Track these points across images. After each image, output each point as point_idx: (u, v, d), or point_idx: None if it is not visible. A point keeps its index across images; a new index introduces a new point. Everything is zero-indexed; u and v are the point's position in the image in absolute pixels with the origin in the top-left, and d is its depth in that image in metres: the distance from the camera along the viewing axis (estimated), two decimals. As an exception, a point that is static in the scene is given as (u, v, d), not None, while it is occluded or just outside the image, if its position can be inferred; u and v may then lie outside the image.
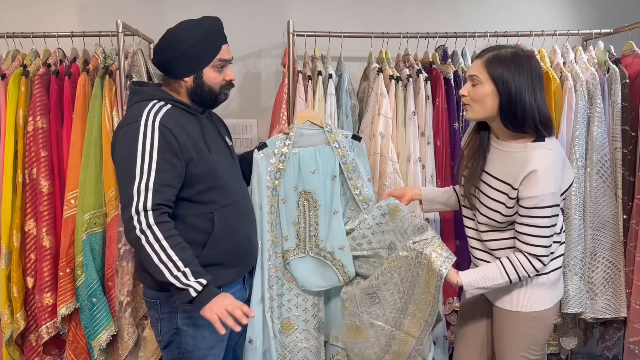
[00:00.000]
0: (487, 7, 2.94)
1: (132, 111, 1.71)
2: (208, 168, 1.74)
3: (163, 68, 1.77)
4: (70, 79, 2.35)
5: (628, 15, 2.91)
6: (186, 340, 1.77)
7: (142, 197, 1.58)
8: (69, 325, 2.40)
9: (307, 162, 2.13)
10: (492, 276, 1.74)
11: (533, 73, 1.66)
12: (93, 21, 2.66)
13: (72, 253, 2.32)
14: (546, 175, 1.65)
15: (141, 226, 1.58)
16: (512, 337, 1.85)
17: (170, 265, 1.57)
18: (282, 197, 2.12)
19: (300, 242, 2.13)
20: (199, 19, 1.77)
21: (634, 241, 2.45)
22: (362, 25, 2.80)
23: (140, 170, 1.60)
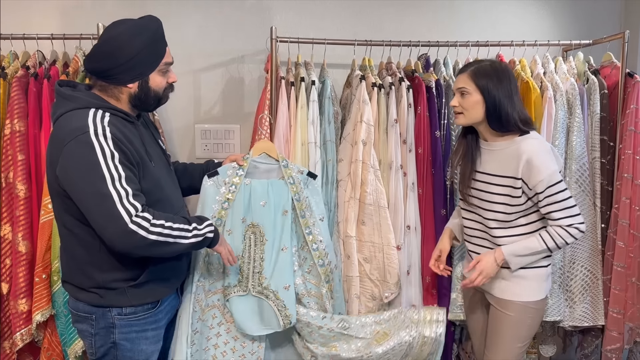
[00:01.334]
0: (469, 17, 2.97)
1: (69, 121, 1.56)
2: (153, 181, 1.68)
3: (103, 74, 1.63)
4: (50, 82, 2.32)
5: (607, 27, 2.97)
6: (123, 354, 1.72)
7: (128, 207, 1.51)
8: (45, 332, 2.36)
9: (258, 195, 2.06)
10: (531, 246, 1.89)
11: (512, 82, 1.91)
12: (74, 24, 2.63)
13: (49, 259, 2.28)
14: (541, 157, 1.84)
15: (143, 227, 1.53)
16: (512, 328, 1.97)
17: (183, 233, 1.62)
18: (228, 228, 2.04)
19: (242, 279, 2.02)
20: (140, 20, 1.67)
21: (611, 250, 2.49)
22: (345, 32, 2.81)
23: (111, 181, 1.51)
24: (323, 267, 2.12)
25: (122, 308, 1.69)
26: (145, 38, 1.62)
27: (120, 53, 1.59)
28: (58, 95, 1.65)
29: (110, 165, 1.51)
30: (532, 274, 1.95)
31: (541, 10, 3.02)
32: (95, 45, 1.64)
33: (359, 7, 2.90)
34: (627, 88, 2.47)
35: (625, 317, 2.49)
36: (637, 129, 2.42)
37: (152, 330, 1.77)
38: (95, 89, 1.69)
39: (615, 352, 2.50)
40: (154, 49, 1.66)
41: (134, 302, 1.69)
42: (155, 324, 1.77)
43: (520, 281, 1.95)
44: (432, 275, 2.45)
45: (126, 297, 1.68)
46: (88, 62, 1.64)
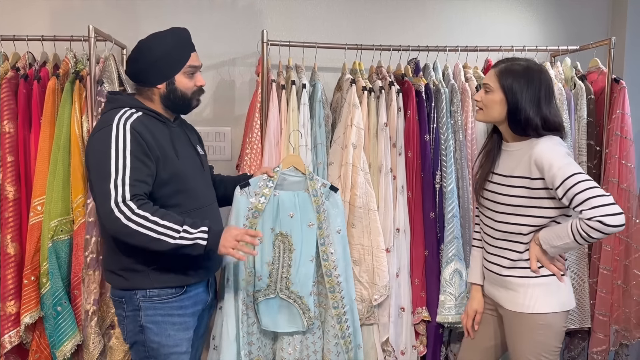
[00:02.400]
0: (459, 22, 3.00)
1: (104, 118, 1.78)
2: (174, 171, 1.79)
3: (136, 77, 1.85)
4: (40, 84, 2.31)
5: (594, 33, 3.00)
6: (150, 338, 1.80)
7: (119, 191, 1.63)
8: (33, 334, 2.34)
9: (286, 206, 2.17)
10: (561, 234, 1.73)
11: (542, 86, 1.78)
12: (64, 25, 2.62)
13: (38, 260, 2.27)
14: (551, 151, 1.73)
15: (126, 215, 1.62)
16: (523, 343, 1.85)
17: (169, 232, 1.65)
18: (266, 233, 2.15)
19: (271, 283, 2.16)
20: (168, 30, 1.86)
21: (598, 253, 2.52)
22: (336, 36, 2.83)
23: (115, 168, 1.65)
24: (330, 277, 2.21)
25: (146, 290, 1.79)
26: (169, 42, 1.82)
27: (147, 55, 1.80)
28: (105, 100, 1.95)
29: (120, 155, 1.67)
30: (541, 282, 1.82)
31: (530, 16, 3.06)
32: (132, 51, 1.85)
33: (350, 11, 2.92)
34: (614, 93, 2.51)
35: (611, 320, 2.52)
36: (623, 133, 2.46)
37: (179, 316, 1.83)
38: (136, 93, 1.90)
39: (602, 354, 2.53)
40: (178, 52, 1.84)
41: (156, 284, 1.79)
42: (181, 310, 1.84)
43: (523, 290, 1.84)
44: (421, 278, 2.47)
45: (149, 279, 1.78)
46: (126, 66, 1.90)
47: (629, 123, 2.47)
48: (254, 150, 2.40)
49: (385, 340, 2.44)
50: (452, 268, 2.41)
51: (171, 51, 1.82)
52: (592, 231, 1.64)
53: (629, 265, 2.50)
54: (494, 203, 1.89)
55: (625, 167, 2.46)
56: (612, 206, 1.62)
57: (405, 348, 2.45)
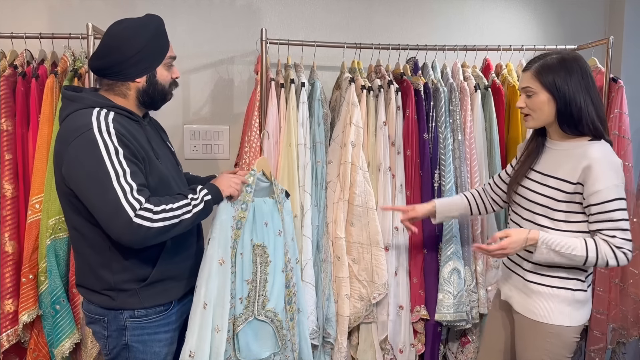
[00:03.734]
0: (457, 22, 3.00)
1: (74, 121, 1.58)
2: (159, 177, 1.67)
3: (109, 71, 1.64)
4: (38, 81, 2.31)
5: (592, 32, 3.02)
6: (135, 356, 1.71)
7: (135, 203, 1.51)
8: (31, 333, 2.34)
9: (261, 214, 1.97)
10: (571, 245, 1.68)
11: (582, 73, 1.71)
12: (62, 23, 2.61)
13: (36, 259, 2.26)
14: (604, 167, 1.66)
15: (148, 218, 1.51)
16: (531, 349, 1.83)
17: (184, 208, 1.61)
18: (240, 251, 1.89)
19: (249, 304, 1.92)
20: (142, 18, 1.70)
21: (595, 252, 2.52)
22: (335, 35, 2.83)
23: (115, 176, 1.50)
24: (288, 288, 2.06)
25: (134, 310, 1.67)
26: (149, 32, 1.66)
27: (127, 47, 1.62)
28: (64, 98, 1.66)
29: (114, 161, 1.51)
30: (551, 293, 1.78)
31: (528, 16, 3.07)
32: (100, 43, 1.65)
33: (349, 10, 2.92)
34: (611, 93, 2.51)
35: (608, 318, 2.53)
36: (620, 133, 2.47)
37: (165, 332, 1.75)
38: (101, 89, 1.71)
39: (599, 352, 2.54)
40: (158, 43, 1.69)
41: (146, 303, 1.68)
42: (167, 327, 1.75)
43: (539, 299, 1.79)
44: (420, 276, 2.48)
45: (137, 298, 1.67)
46: (94, 60, 1.65)
47: (626, 122, 2.48)
48: (252, 149, 2.40)
49: (383, 339, 2.45)
50: (450, 267, 2.42)
51: (153, 41, 1.66)
52: (613, 259, 1.65)
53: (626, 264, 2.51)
54: (525, 200, 1.84)
55: (623, 166, 2.46)
56: (632, 243, 1.68)
57: (404, 346, 2.46)
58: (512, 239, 1.72)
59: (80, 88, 1.75)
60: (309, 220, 2.34)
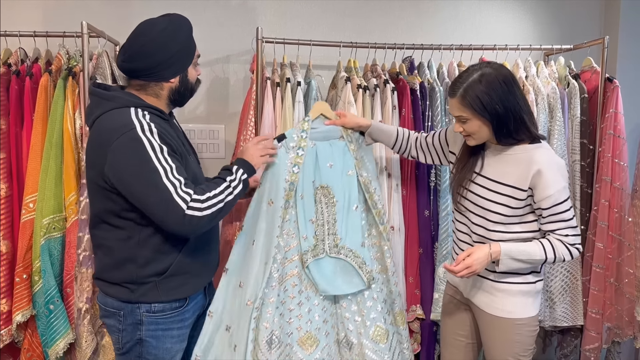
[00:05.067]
0: (453, 21, 3.00)
1: (113, 120, 1.61)
2: (193, 173, 1.74)
3: (145, 72, 1.67)
4: (32, 80, 2.29)
5: (587, 32, 3.02)
6: (148, 351, 1.74)
7: (186, 196, 1.58)
8: (25, 332, 2.33)
9: (324, 156, 2.06)
10: (530, 251, 1.74)
11: (504, 83, 1.69)
12: (57, 21, 2.59)
13: (30, 258, 2.25)
14: (552, 171, 1.71)
15: (198, 208, 1.59)
16: (501, 344, 1.87)
17: (227, 190, 1.69)
18: (300, 192, 2.01)
19: (318, 242, 2.02)
20: (171, 17, 1.73)
21: (591, 251, 2.53)
22: (331, 34, 2.83)
23: (164, 172, 1.56)
24: (383, 224, 2.12)
25: (151, 305, 1.70)
26: (184, 33, 1.72)
27: (165, 50, 1.66)
28: (95, 97, 1.70)
29: (160, 158, 1.57)
30: (518, 290, 1.83)
31: (524, 15, 3.07)
32: (134, 44, 1.66)
33: (345, 9, 2.91)
34: (607, 92, 2.52)
35: (603, 317, 2.53)
36: (616, 132, 2.47)
37: (178, 329, 1.78)
38: (131, 89, 1.73)
39: (594, 352, 2.54)
40: (190, 43, 1.75)
41: (164, 297, 1.71)
42: (181, 323, 1.78)
43: (506, 297, 1.83)
44: (416, 276, 2.48)
45: (157, 291, 1.70)
46: (129, 63, 1.66)
47: (622, 122, 2.49)
48: (248, 148, 2.39)
49: (379, 338, 2.44)
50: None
51: (187, 42, 1.72)
52: (568, 255, 1.76)
53: (621, 263, 2.51)
54: (474, 205, 1.84)
55: (618, 165, 2.47)
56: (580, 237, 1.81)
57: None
58: (475, 256, 1.73)
59: (108, 86, 1.79)
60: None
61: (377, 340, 2.07)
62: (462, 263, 1.73)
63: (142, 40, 1.65)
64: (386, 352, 2.08)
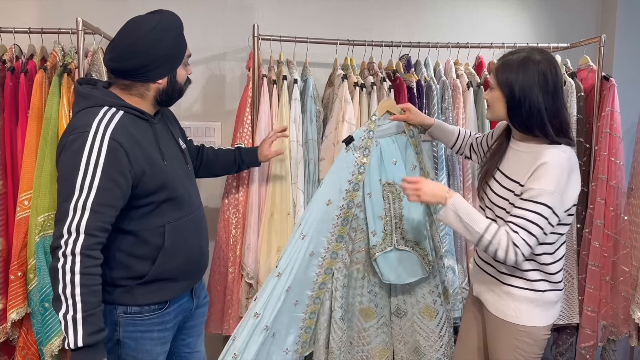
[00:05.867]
0: (450, 19, 3.00)
1: (79, 119, 1.57)
2: (163, 180, 1.65)
3: (132, 73, 1.62)
4: (27, 77, 2.28)
5: (584, 30, 3.02)
6: (127, 352, 1.70)
7: (77, 216, 1.47)
8: (20, 330, 2.32)
9: (388, 153, 2.15)
10: (476, 219, 1.70)
11: (541, 75, 1.68)
12: (52, 18, 2.58)
13: (25, 256, 2.24)
14: (550, 170, 1.65)
15: (66, 248, 1.46)
16: (503, 348, 1.84)
17: (70, 303, 1.47)
18: (368, 191, 2.12)
19: (386, 236, 2.14)
20: (162, 17, 1.65)
21: (586, 249, 2.54)
22: (328, 31, 2.81)
23: (80, 186, 1.48)
24: (436, 214, 2.15)
25: (128, 307, 1.66)
26: (173, 34, 1.65)
27: (153, 50, 1.60)
28: (76, 94, 1.65)
29: (89, 171, 1.49)
30: (523, 295, 1.78)
31: (520, 13, 3.07)
32: (121, 44, 1.61)
33: (342, 7, 2.91)
34: (603, 91, 2.52)
35: (599, 316, 2.54)
36: (612, 131, 2.47)
37: (158, 331, 1.73)
38: (115, 87, 1.68)
39: (589, 350, 2.55)
40: (180, 43, 1.69)
41: (140, 301, 1.67)
42: (161, 326, 1.73)
43: (510, 300, 1.80)
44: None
45: (132, 295, 1.66)
46: (117, 62, 1.61)
47: (618, 121, 2.49)
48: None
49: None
50: (445, 264, 2.41)
51: (176, 42, 1.66)
52: (503, 251, 1.65)
53: (617, 262, 2.52)
54: (488, 200, 1.86)
55: (614, 164, 2.47)
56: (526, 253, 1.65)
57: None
58: (425, 182, 1.80)
59: (94, 80, 1.73)
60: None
61: (425, 316, 2.26)
62: (414, 178, 1.84)
63: (130, 39, 1.59)
64: (434, 327, 2.26)
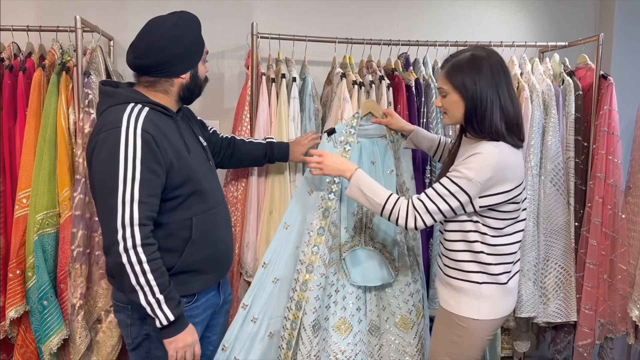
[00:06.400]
0: (449, 17, 3.00)
1: (108, 116, 1.61)
2: (189, 173, 1.69)
3: (156, 69, 1.67)
4: (25, 75, 2.28)
5: (582, 29, 3.02)
6: (156, 346, 1.72)
7: (127, 210, 1.52)
8: (18, 328, 2.32)
9: (367, 153, 2.15)
10: (377, 191, 1.78)
11: (493, 71, 1.68)
12: (50, 16, 2.58)
13: (23, 254, 2.24)
14: (476, 160, 1.65)
15: (126, 244, 1.52)
16: (439, 338, 1.88)
17: (147, 289, 1.56)
18: (346, 185, 2.01)
19: (356, 234, 2.14)
20: (183, 13, 1.74)
21: (584, 248, 2.54)
22: (326, 30, 2.82)
23: (123, 180, 1.52)
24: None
25: None
26: (194, 29, 1.72)
27: (177, 45, 1.66)
28: (101, 94, 1.71)
29: (129, 165, 1.53)
30: (460, 286, 1.79)
31: (519, 12, 3.07)
32: (148, 42, 1.65)
33: (341, 5, 2.91)
34: (601, 89, 2.52)
35: (596, 314, 2.54)
36: (610, 129, 2.48)
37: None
38: (139, 86, 1.72)
39: (587, 348, 2.55)
40: (199, 39, 1.75)
41: None
42: (190, 320, 1.72)
43: (451, 290, 1.82)
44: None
45: None
46: (141, 59, 1.66)
47: (616, 119, 2.49)
48: (243, 144, 2.38)
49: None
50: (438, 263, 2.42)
51: (197, 37, 1.73)
52: (403, 219, 1.73)
53: (614, 260, 2.52)
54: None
55: (612, 162, 2.48)
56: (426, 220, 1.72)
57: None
58: (329, 154, 1.89)
59: (117, 83, 1.76)
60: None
61: (401, 328, 2.20)
62: (316, 157, 1.90)
63: (154, 36, 1.65)
64: (411, 339, 2.20)
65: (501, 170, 1.66)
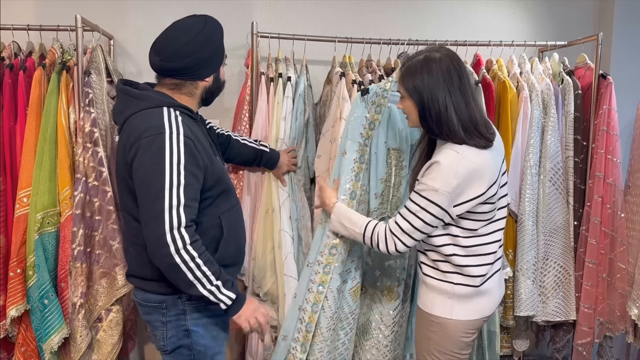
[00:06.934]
0: (448, 16, 3.00)
1: (146, 119, 1.62)
2: (219, 174, 1.75)
3: (182, 72, 1.69)
4: (25, 74, 2.28)
5: (582, 29, 3.03)
6: (197, 341, 1.75)
7: (174, 214, 1.56)
8: (19, 327, 2.32)
9: (397, 120, 2.07)
10: (355, 220, 1.82)
11: (442, 74, 1.62)
12: (51, 15, 2.58)
13: (24, 253, 2.24)
14: (437, 169, 1.62)
15: (177, 245, 1.56)
16: (418, 336, 1.89)
17: (204, 280, 1.61)
18: (375, 150, 2.04)
19: (384, 202, 2.08)
20: (208, 17, 1.75)
21: (583, 247, 2.55)
22: (326, 29, 2.82)
23: (169, 185, 1.56)
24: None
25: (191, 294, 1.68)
26: (219, 34, 1.75)
27: (205, 49, 1.69)
28: (126, 95, 1.71)
29: (174, 170, 1.56)
30: (434, 285, 1.78)
31: (518, 12, 3.07)
32: (177, 46, 1.66)
33: (340, 4, 2.91)
34: (600, 89, 2.53)
35: (595, 312, 2.55)
36: (609, 129, 2.48)
37: (221, 315, 1.76)
38: (162, 87, 1.73)
39: (586, 346, 2.56)
40: (222, 43, 1.79)
41: None
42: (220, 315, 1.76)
43: (427, 290, 1.81)
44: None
45: None
46: (170, 62, 1.67)
47: (615, 118, 2.50)
48: (243, 143, 2.38)
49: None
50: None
51: (221, 42, 1.77)
52: (383, 244, 1.74)
53: (614, 259, 2.53)
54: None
55: (611, 162, 2.48)
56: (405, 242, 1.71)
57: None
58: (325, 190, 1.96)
59: (135, 83, 1.78)
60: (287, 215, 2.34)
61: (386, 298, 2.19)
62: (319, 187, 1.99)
63: (183, 39, 1.66)
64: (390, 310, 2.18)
65: (467, 175, 1.61)
